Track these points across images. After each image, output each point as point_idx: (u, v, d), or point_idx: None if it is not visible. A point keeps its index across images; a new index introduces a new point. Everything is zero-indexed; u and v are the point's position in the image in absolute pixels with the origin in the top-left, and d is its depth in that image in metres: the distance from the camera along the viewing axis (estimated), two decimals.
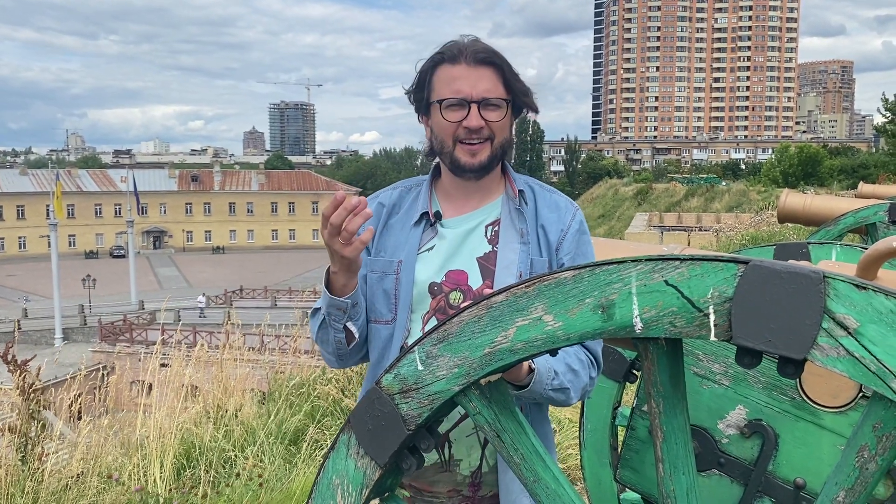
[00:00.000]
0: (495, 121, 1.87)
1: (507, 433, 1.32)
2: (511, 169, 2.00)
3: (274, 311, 27.49)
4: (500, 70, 1.88)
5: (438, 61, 1.89)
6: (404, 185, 2.07)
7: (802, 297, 1.05)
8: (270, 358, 10.18)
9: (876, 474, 1.09)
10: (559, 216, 1.94)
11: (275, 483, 4.55)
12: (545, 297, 1.22)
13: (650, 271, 1.15)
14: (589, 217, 69.03)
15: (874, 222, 4.92)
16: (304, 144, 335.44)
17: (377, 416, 1.34)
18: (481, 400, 1.32)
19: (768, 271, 1.07)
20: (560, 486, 1.29)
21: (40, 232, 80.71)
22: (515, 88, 1.89)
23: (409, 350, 1.33)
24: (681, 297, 1.13)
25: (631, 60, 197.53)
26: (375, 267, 1.96)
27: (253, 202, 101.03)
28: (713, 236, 22.50)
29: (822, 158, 65.42)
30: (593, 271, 1.19)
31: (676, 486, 1.25)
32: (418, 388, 1.32)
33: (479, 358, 1.27)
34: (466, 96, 1.85)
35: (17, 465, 4.19)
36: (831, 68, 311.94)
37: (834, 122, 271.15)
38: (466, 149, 1.88)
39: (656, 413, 1.25)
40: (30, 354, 5.37)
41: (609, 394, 2.95)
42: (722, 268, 1.11)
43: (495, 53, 1.89)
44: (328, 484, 1.40)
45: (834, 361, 1.04)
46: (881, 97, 38.60)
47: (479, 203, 1.95)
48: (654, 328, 1.15)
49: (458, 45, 1.89)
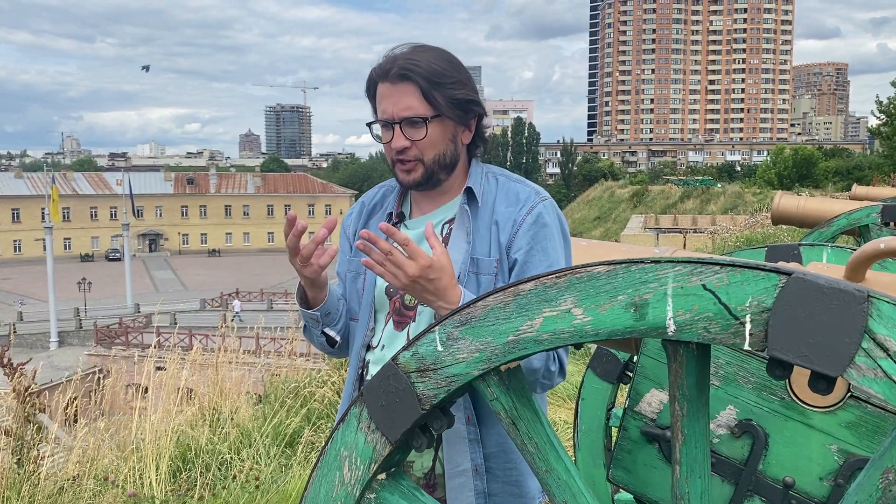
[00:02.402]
0: (419, 139, 1.81)
1: (522, 421, 1.30)
2: (474, 164, 1.95)
3: (270, 314, 27.47)
4: (418, 85, 1.78)
5: (373, 78, 1.86)
6: (388, 185, 2.06)
7: (844, 314, 1.03)
8: (266, 360, 10.17)
9: None
10: (516, 209, 1.86)
11: (271, 485, 4.55)
12: (576, 289, 1.19)
13: (688, 273, 1.13)
14: (585, 219, 69.19)
15: (867, 224, 4.93)
16: (300, 147, 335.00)
17: (391, 392, 1.32)
18: (500, 386, 1.30)
19: (811, 285, 1.05)
20: (571, 478, 1.29)
21: (35, 235, 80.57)
22: (441, 101, 1.80)
23: (430, 329, 1.30)
24: (718, 303, 1.10)
25: (626, 63, 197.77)
26: (351, 267, 2.01)
27: (249, 205, 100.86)
28: (708, 238, 22.52)
29: (817, 160, 65.61)
30: (629, 268, 1.17)
31: (692, 489, 1.25)
32: (436, 368, 1.29)
33: (503, 345, 1.24)
34: (389, 117, 1.81)
35: (13, 468, 4.18)
36: (826, 71, 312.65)
37: (829, 124, 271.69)
38: (400, 168, 1.86)
39: (679, 416, 1.24)
40: (25, 358, 5.36)
41: (603, 395, 2.97)
42: (763, 277, 1.09)
43: (416, 66, 1.78)
44: (336, 455, 1.39)
45: (871, 382, 1.02)
46: (875, 99, 38.72)
47: (440, 203, 1.94)
48: (688, 332, 1.12)
49: (387, 60, 1.83)
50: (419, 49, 1.84)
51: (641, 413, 1.99)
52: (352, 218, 2.08)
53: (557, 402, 6.36)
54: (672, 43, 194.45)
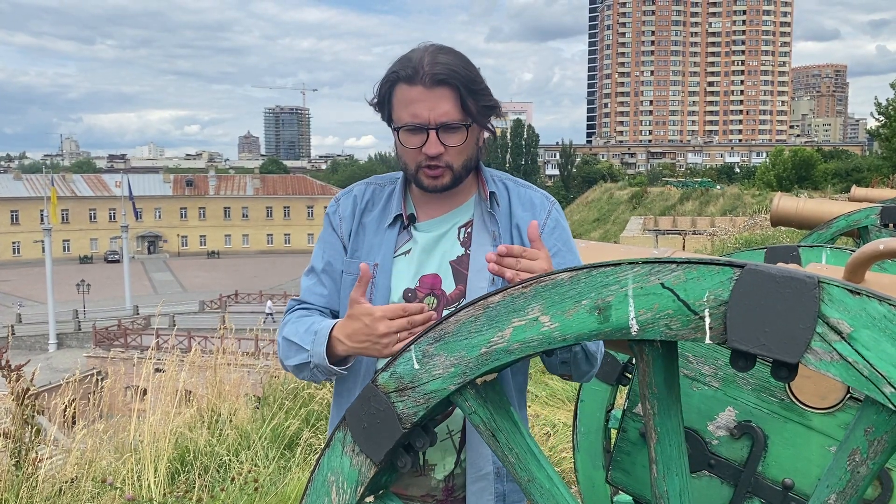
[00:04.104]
0: (455, 145, 1.78)
1: (502, 432, 1.32)
2: (483, 168, 1.94)
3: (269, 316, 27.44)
4: (457, 90, 1.75)
5: (395, 80, 1.77)
6: (377, 182, 1.99)
7: (797, 301, 1.06)
8: (265, 362, 10.16)
9: (867, 478, 1.09)
10: (534, 214, 1.89)
11: (270, 487, 4.55)
12: (542, 297, 1.22)
13: (647, 274, 1.16)
14: (584, 221, 69.12)
15: (866, 225, 4.92)
16: (300, 149, 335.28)
17: (373, 414, 1.34)
18: (477, 399, 1.32)
19: (763, 275, 1.08)
20: (554, 486, 1.30)
21: (34, 237, 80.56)
22: (475, 109, 1.78)
23: (406, 349, 1.33)
24: (677, 300, 1.13)
25: (626, 65, 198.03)
26: (352, 269, 1.87)
27: (248, 207, 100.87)
28: (707, 240, 22.54)
29: (816, 162, 65.62)
30: (590, 273, 1.19)
31: (669, 487, 1.26)
32: (414, 386, 1.32)
33: (476, 357, 1.27)
34: (424, 122, 1.75)
35: (12, 470, 4.18)
36: (825, 72, 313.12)
37: (828, 125, 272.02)
38: (427, 173, 1.80)
39: (651, 414, 1.26)
40: (24, 360, 5.35)
41: (602, 397, 2.97)
42: (718, 271, 1.11)
43: (454, 72, 1.74)
44: (323, 481, 1.40)
45: (827, 366, 1.04)
46: (874, 101, 38.75)
47: (452, 205, 1.90)
48: (650, 330, 1.15)
49: (413, 62, 1.76)
50: (445, 51, 1.79)
51: (640, 414, 1.99)
52: (345, 215, 1.95)
53: (556, 405, 6.35)
54: (671, 45, 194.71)
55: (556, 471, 1.33)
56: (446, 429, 1.82)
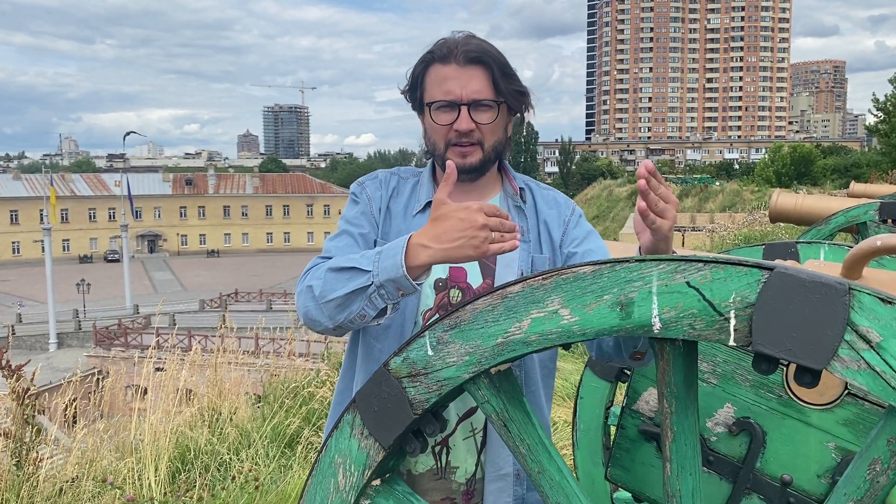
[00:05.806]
0: (486, 122, 1.80)
1: (514, 423, 1.31)
2: (510, 167, 1.96)
3: (269, 315, 27.47)
4: (490, 70, 1.79)
5: (430, 61, 1.82)
6: (401, 174, 1.98)
7: (826, 307, 1.04)
8: (265, 361, 10.17)
9: (886, 487, 1.08)
10: (559, 211, 1.92)
11: (270, 486, 4.55)
12: (562, 290, 1.20)
13: (672, 271, 1.14)
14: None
15: (865, 221, 4.92)
16: (299, 147, 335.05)
17: (384, 398, 1.33)
18: (490, 389, 1.31)
19: (793, 279, 1.06)
20: (564, 479, 1.29)
21: (34, 237, 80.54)
22: (506, 90, 1.81)
23: (420, 334, 1.31)
24: (702, 300, 1.11)
25: (624, 61, 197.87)
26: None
27: (247, 205, 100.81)
28: (707, 236, 22.51)
29: (815, 158, 65.60)
30: (613, 268, 1.17)
31: (683, 486, 1.26)
32: (427, 373, 1.30)
33: (492, 347, 1.25)
34: (456, 98, 1.78)
35: (12, 470, 4.18)
36: (823, 68, 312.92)
37: (827, 121, 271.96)
38: (457, 150, 1.81)
39: (668, 413, 1.25)
40: (24, 359, 5.35)
41: (601, 394, 2.97)
42: (746, 272, 1.09)
43: (487, 52, 1.80)
44: (330, 462, 1.39)
45: (854, 374, 1.03)
46: (872, 97, 38.71)
47: (478, 199, 1.88)
48: (673, 329, 1.13)
49: (449, 43, 1.81)
50: (477, 37, 1.84)
51: (639, 411, 1.99)
52: (374, 196, 1.91)
53: (557, 402, 6.36)
54: (670, 41, 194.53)
55: (566, 464, 1.33)
56: (469, 426, 1.81)
